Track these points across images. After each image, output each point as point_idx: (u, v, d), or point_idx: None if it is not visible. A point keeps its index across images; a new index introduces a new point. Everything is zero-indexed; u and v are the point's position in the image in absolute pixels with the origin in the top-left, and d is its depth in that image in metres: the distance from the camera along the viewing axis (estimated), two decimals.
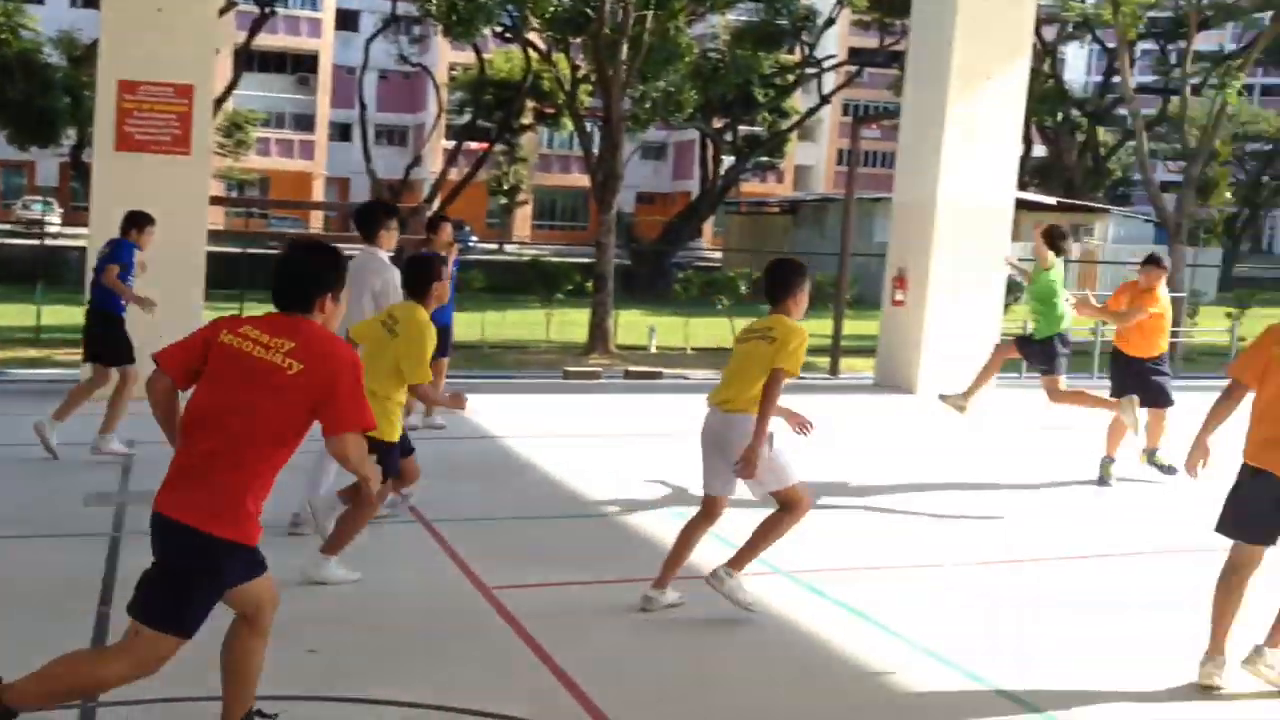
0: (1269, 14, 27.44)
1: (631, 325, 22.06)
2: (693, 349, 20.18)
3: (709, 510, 5.96)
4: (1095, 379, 17.24)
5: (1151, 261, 9.44)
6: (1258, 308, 23.12)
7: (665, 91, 31.68)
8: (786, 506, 5.83)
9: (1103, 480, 9.33)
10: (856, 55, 45.76)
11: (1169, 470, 9.22)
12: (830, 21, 37.39)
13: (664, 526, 7.53)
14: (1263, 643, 5.16)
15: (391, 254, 7.77)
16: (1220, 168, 44.72)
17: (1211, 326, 23.17)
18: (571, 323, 21.14)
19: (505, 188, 49.30)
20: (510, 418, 10.93)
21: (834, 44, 52.17)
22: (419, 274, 6.35)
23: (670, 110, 33.66)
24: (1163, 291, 9.31)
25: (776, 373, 5.59)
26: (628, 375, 15.65)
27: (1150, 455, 9.42)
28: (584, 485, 8.53)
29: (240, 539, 3.77)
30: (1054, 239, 9.39)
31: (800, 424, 5.92)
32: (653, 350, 20.17)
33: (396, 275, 7.20)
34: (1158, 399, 9.23)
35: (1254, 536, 5.07)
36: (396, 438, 6.14)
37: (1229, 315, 21.02)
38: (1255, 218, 60.64)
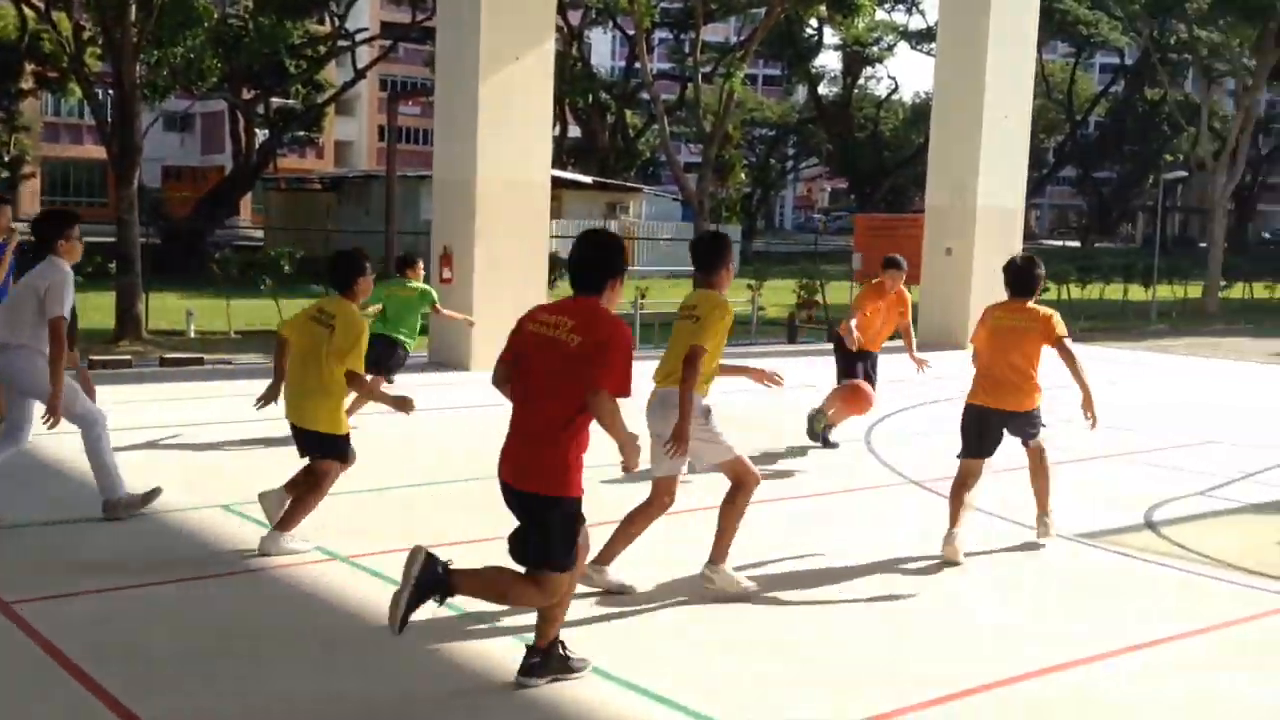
0: (764, 10, 30.18)
1: (166, 309, 20.59)
2: (236, 332, 19.17)
3: (653, 495, 5.93)
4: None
5: (893, 265, 9.99)
6: (774, 280, 25.41)
7: (185, 58, 29.66)
8: (735, 482, 5.89)
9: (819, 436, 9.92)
10: (390, 29, 45.28)
11: (831, 445, 9.95)
12: None
13: (214, 522, 7.12)
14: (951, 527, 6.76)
15: None
16: (734, 151, 48.71)
17: (735, 298, 25.10)
18: (95, 307, 19.40)
19: (6, 159, 44.26)
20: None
21: (366, 17, 51.38)
22: (347, 269, 6.54)
23: (192, 79, 31.59)
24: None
25: (694, 349, 5.70)
26: (164, 363, 14.62)
27: (828, 426, 9.91)
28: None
29: (565, 493, 4.50)
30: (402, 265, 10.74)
31: (767, 378, 6.17)
32: (192, 335, 18.95)
33: (68, 285, 6.75)
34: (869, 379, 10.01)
35: (971, 452, 6.94)
36: (346, 430, 6.48)
37: (750, 287, 22.94)
38: (767, 197, 66.77)
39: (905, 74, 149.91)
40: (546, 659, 4.76)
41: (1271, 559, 7.12)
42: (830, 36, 51.67)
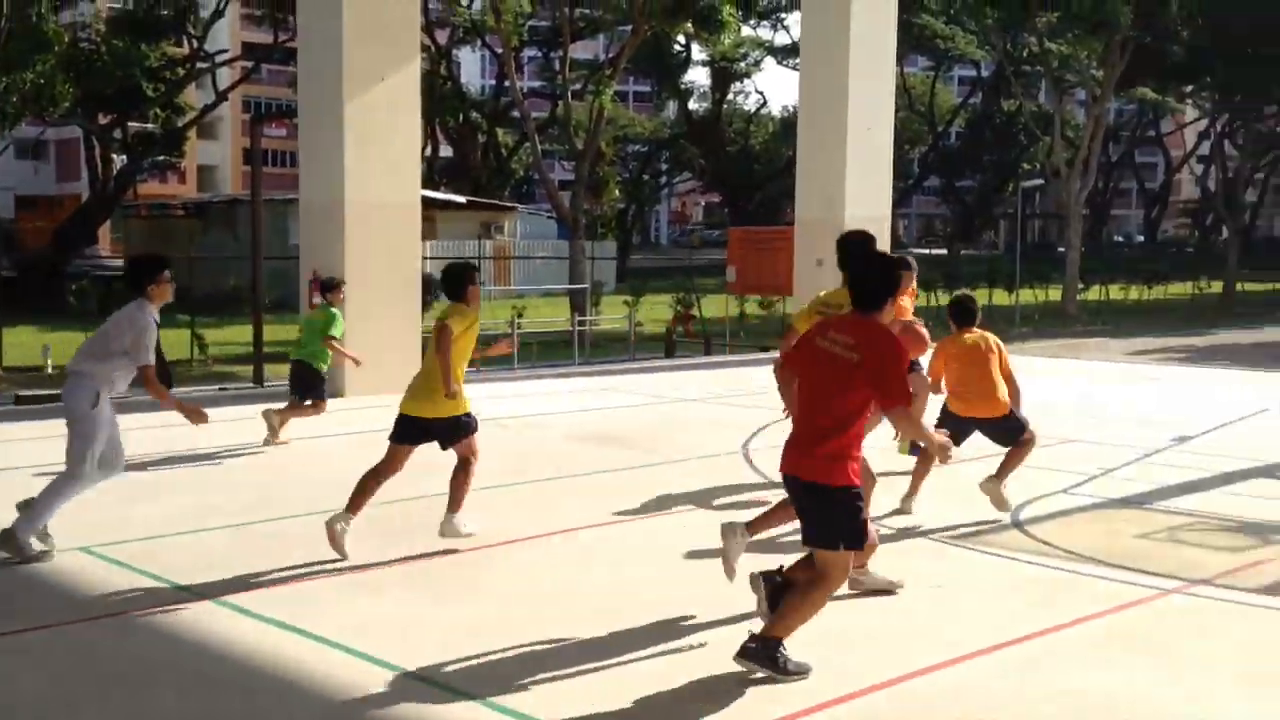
0: (630, 28, 30.40)
1: (21, 344, 19.79)
2: None
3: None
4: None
5: (903, 266, 9.81)
6: (650, 295, 25.54)
7: (35, 84, 28.65)
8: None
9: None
10: (251, 51, 44.36)
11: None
12: (218, 14, 35.87)
13: (75, 565, 6.85)
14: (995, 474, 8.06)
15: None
16: (607, 167, 48.87)
17: (613, 315, 25.24)
18: None
19: None
20: None
21: (226, 38, 50.25)
22: (458, 280, 7.22)
23: (43, 105, 30.52)
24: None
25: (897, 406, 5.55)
26: (19, 401, 14.04)
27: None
28: None
29: (845, 483, 5.05)
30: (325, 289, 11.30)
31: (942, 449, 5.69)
32: (50, 371, 18.24)
33: (150, 330, 6.90)
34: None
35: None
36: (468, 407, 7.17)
37: (626, 304, 23.02)
38: (641, 213, 67.08)
39: (773, 89, 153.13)
40: (764, 648, 5.08)
41: (1131, 552, 7.39)
42: (698, 53, 52.31)
